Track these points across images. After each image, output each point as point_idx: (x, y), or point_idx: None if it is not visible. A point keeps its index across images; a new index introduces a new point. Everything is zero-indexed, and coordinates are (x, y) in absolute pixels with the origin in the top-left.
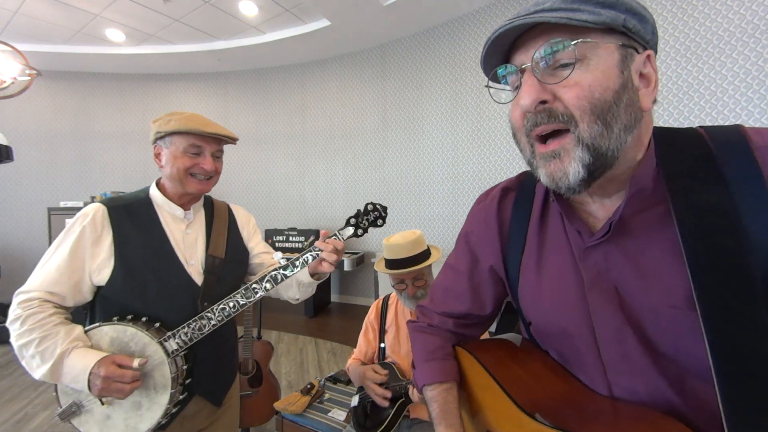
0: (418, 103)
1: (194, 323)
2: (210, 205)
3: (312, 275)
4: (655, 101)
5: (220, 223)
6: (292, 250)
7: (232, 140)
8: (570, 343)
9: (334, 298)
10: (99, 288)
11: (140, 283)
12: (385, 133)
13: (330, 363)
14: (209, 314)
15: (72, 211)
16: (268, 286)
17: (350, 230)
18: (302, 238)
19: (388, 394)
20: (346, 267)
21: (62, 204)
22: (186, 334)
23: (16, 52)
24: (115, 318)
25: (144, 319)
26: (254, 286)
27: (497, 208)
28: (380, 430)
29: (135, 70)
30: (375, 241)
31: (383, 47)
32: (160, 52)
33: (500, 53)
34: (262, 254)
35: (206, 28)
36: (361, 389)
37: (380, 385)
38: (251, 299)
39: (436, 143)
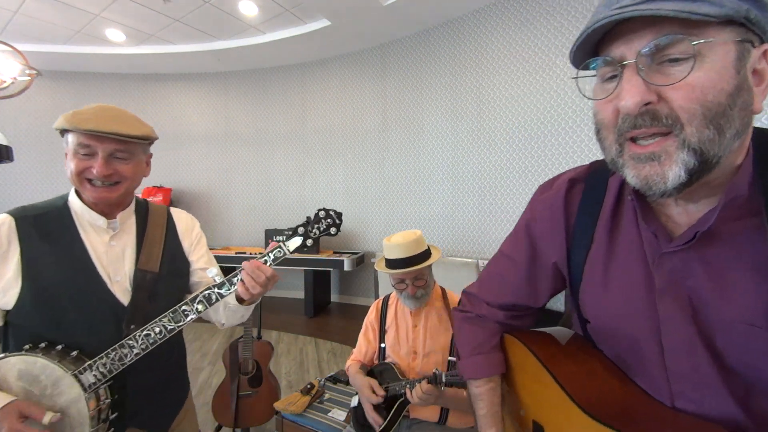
0: (418, 103)
1: (114, 353)
2: (144, 211)
3: (240, 300)
4: None
5: (155, 232)
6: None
7: (136, 139)
8: (632, 347)
9: (334, 298)
10: (7, 312)
11: (53, 306)
12: (385, 133)
13: (330, 363)
14: (131, 342)
15: None
16: (200, 307)
17: (298, 241)
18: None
19: (380, 421)
20: (346, 267)
21: None
22: (105, 365)
23: (16, 52)
24: (26, 347)
25: (59, 347)
26: (184, 308)
27: (564, 201)
28: (380, 430)
29: (135, 70)
30: (375, 241)
31: (383, 47)
32: (160, 52)
33: (591, 41)
34: (200, 271)
35: (206, 28)
36: None
37: (377, 403)
38: (181, 323)
39: (436, 143)
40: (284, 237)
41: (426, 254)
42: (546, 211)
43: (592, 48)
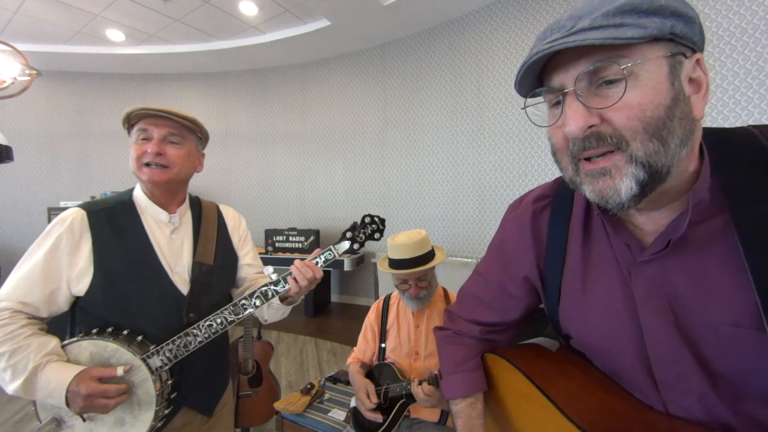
0: (418, 103)
1: (179, 340)
2: (198, 207)
3: (282, 299)
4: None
5: (209, 227)
6: (292, 250)
7: (185, 120)
8: (618, 360)
9: (334, 298)
10: (78, 298)
11: (121, 294)
12: (385, 133)
13: (330, 363)
14: (195, 331)
15: None
16: (257, 302)
17: (346, 244)
18: (302, 238)
19: (380, 418)
20: (346, 267)
21: (62, 204)
22: (171, 350)
23: (16, 52)
24: (94, 331)
25: (125, 332)
26: (243, 302)
27: (531, 218)
28: (380, 430)
29: (135, 70)
30: (375, 241)
31: (383, 47)
32: (160, 52)
33: (534, 72)
34: (247, 267)
35: (206, 28)
36: None
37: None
38: (240, 316)
39: (436, 143)
40: (288, 235)
41: (430, 255)
42: (515, 229)
43: (537, 77)
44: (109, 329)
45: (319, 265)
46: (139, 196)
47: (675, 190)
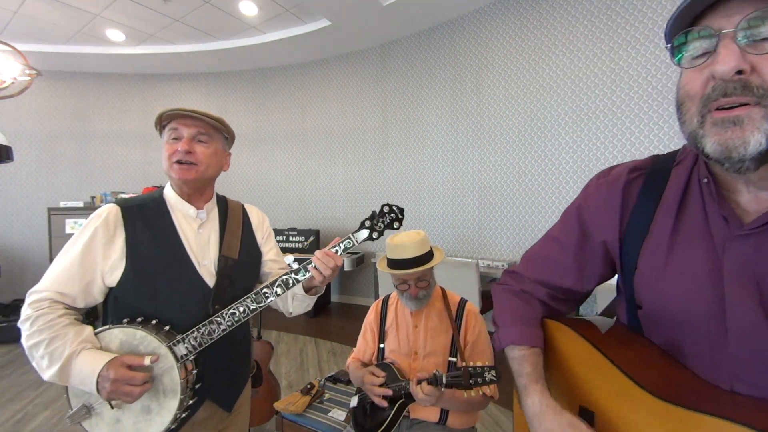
0: (418, 103)
1: (204, 328)
2: (224, 205)
3: (307, 290)
4: None
5: (234, 223)
6: (292, 250)
7: (212, 120)
8: (691, 331)
9: (334, 298)
10: (110, 289)
11: (151, 285)
12: (385, 133)
13: (330, 363)
14: (219, 319)
15: (72, 211)
16: (279, 291)
17: (365, 233)
18: (302, 238)
19: (389, 392)
20: (346, 267)
21: (62, 204)
22: (195, 338)
23: (16, 52)
24: (125, 320)
25: (154, 321)
26: (265, 290)
27: (624, 185)
28: (380, 430)
29: (135, 70)
30: (375, 241)
31: (383, 47)
32: (160, 52)
33: (689, 16)
34: (270, 262)
35: (206, 28)
36: (360, 390)
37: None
38: (262, 304)
39: (436, 143)
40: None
41: (429, 255)
42: (602, 194)
43: (689, 22)
44: (139, 319)
45: (339, 254)
46: (169, 193)
47: None
